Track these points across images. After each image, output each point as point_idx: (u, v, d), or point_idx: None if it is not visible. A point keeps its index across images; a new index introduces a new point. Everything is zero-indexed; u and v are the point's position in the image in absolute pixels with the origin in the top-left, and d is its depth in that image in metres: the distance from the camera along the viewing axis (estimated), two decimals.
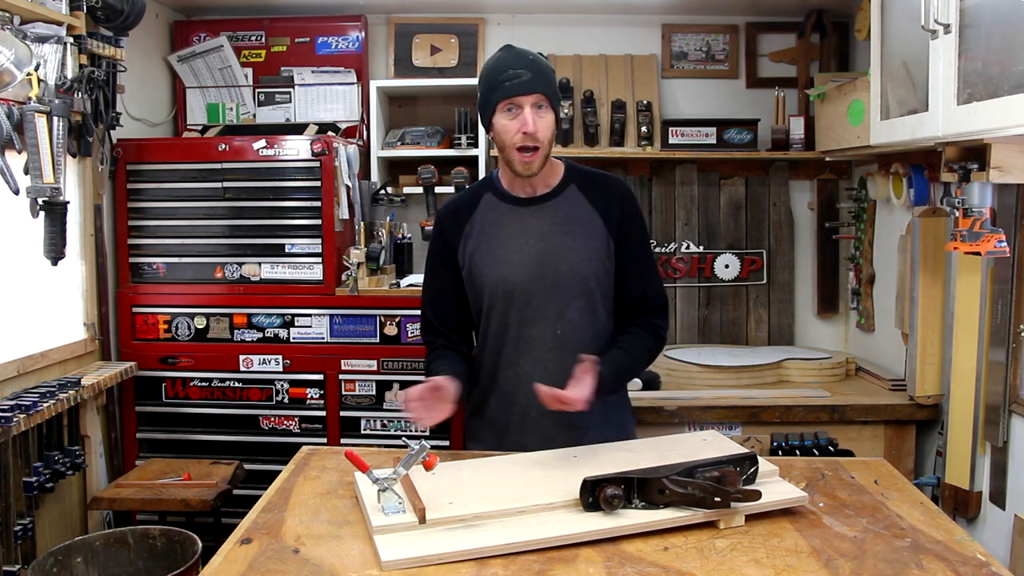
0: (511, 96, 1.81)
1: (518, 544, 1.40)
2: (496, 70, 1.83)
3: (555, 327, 1.92)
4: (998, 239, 2.10)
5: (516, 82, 1.80)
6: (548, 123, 1.85)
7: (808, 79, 3.54)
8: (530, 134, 1.81)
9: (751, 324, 3.66)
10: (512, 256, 1.93)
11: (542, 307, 1.92)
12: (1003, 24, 1.84)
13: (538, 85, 1.81)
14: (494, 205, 1.98)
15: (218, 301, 3.16)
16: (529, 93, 1.81)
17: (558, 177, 1.98)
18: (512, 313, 1.94)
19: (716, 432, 1.94)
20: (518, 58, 1.84)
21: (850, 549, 1.42)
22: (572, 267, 1.91)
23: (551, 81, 1.86)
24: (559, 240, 1.92)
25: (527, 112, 1.81)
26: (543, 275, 1.91)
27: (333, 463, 1.86)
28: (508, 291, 1.93)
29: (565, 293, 1.92)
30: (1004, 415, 2.36)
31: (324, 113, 3.59)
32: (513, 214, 1.96)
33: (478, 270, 1.96)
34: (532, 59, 1.84)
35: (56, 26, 2.56)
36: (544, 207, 1.95)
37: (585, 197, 1.96)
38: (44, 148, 2.43)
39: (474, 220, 1.98)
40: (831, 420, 2.86)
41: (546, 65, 1.87)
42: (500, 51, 1.89)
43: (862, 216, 3.39)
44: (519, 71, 1.80)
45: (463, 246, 1.99)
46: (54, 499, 2.73)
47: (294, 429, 3.17)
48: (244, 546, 1.44)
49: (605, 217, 1.95)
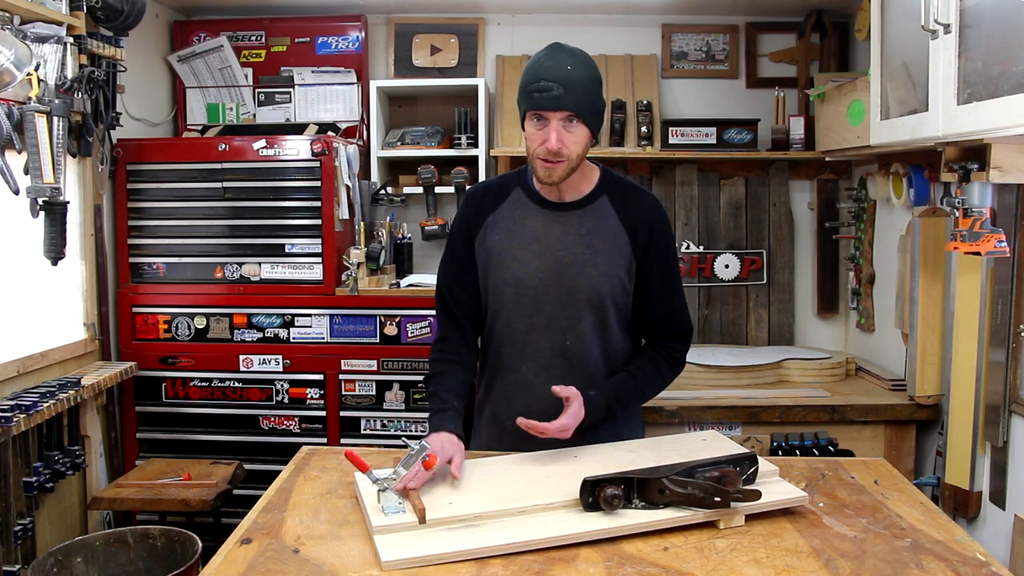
0: (538, 109, 1.73)
1: (518, 544, 1.40)
2: (530, 76, 1.74)
3: (565, 338, 1.88)
4: (998, 239, 2.10)
5: (545, 96, 1.71)
6: (578, 138, 1.76)
7: (808, 79, 3.54)
8: (552, 151, 1.73)
9: (751, 324, 3.66)
10: (530, 259, 1.88)
11: (553, 316, 1.87)
12: (1003, 24, 1.84)
13: (566, 102, 1.71)
14: (521, 202, 1.91)
15: (218, 301, 3.17)
16: (556, 110, 1.72)
17: (591, 185, 1.90)
18: (520, 318, 1.90)
19: (716, 432, 1.94)
20: (555, 67, 1.72)
21: (850, 549, 1.42)
22: (589, 281, 1.86)
23: (586, 95, 1.74)
24: (580, 252, 1.86)
25: (552, 128, 1.73)
26: (558, 284, 1.86)
27: (333, 463, 1.86)
28: (519, 294, 1.88)
29: (578, 306, 1.86)
30: (1004, 415, 2.36)
31: (324, 113, 3.59)
32: (539, 216, 1.89)
33: (493, 266, 1.91)
34: (569, 70, 1.72)
35: (56, 26, 2.57)
36: (571, 215, 1.88)
37: (615, 211, 1.88)
38: (44, 148, 2.43)
39: (499, 212, 1.92)
40: (831, 420, 2.86)
41: (585, 76, 1.75)
42: (544, 50, 1.78)
43: (862, 216, 3.39)
44: (550, 84, 1.70)
45: (482, 235, 1.93)
46: (54, 499, 2.73)
47: (294, 429, 3.17)
48: (244, 546, 1.44)
49: (632, 236, 1.87)
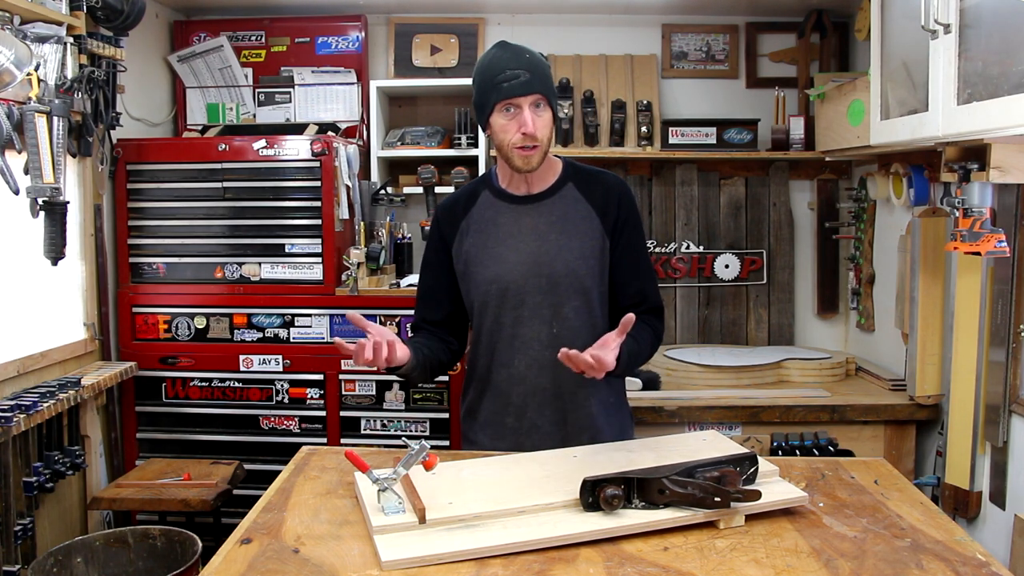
0: (510, 97, 1.80)
1: (518, 544, 1.40)
2: (493, 69, 1.81)
3: (551, 326, 1.91)
4: (998, 239, 2.10)
5: (515, 83, 1.78)
6: (546, 121, 1.84)
7: (808, 79, 3.54)
8: (529, 134, 1.81)
9: (751, 324, 3.66)
10: (507, 254, 1.92)
11: (537, 306, 1.91)
12: (1003, 24, 1.84)
13: (536, 85, 1.80)
14: (491, 203, 1.98)
15: (218, 301, 3.17)
16: (528, 94, 1.79)
17: (555, 175, 1.97)
18: (506, 312, 1.93)
19: (716, 432, 1.94)
20: (515, 57, 1.81)
21: (850, 549, 1.42)
22: (567, 266, 1.90)
23: (548, 79, 1.84)
24: (554, 239, 1.91)
25: (526, 113, 1.80)
26: (538, 274, 1.91)
27: (333, 463, 1.86)
28: (502, 289, 1.92)
29: (560, 292, 1.91)
30: (1004, 415, 2.36)
31: (324, 113, 3.59)
32: (509, 212, 1.95)
33: (473, 268, 1.95)
34: (529, 57, 1.82)
35: (56, 26, 2.57)
36: (540, 205, 1.94)
37: (582, 195, 1.95)
38: (44, 148, 2.43)
39: (471, 217, 1.98)
40: (831, 420, 2.86)
41: (542, 62, 1.85)
42: (495, 48, 1.86)
43: (862, 216, 3.39)
44: (517, 71, 1.78)
45: (458, 242, 1.98)
46: (54, 499, 2.73)
47: (294, 429, 3.17)
48: (244, 546, 1.44)
49: (602, 216, 1.93)
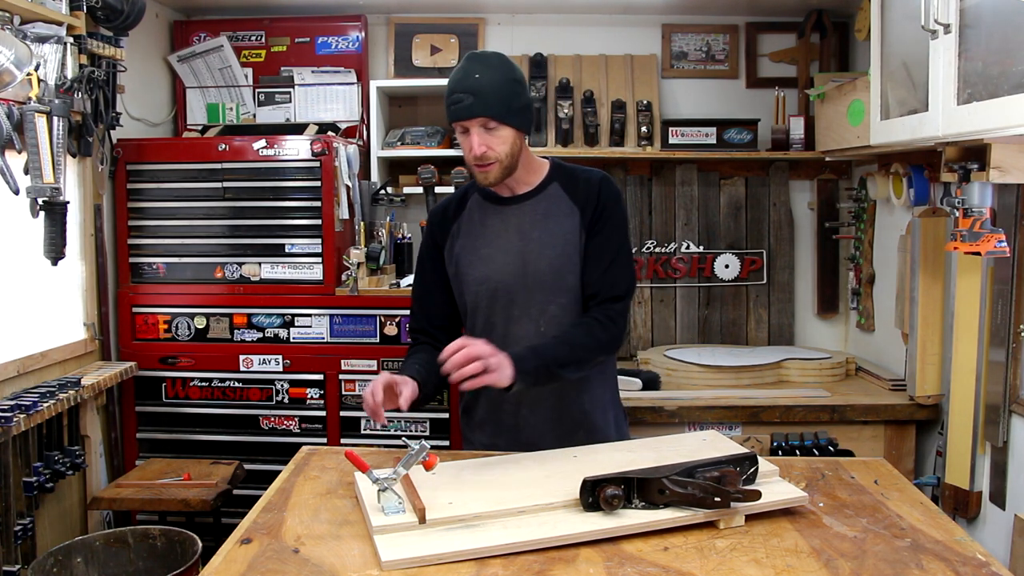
0: (456, 120, 1.84)
1: (518, 544, 1.40)
2: (448, 89, 1.84)
3: (538, 324, 1.93)
4: (998, 239, 2.10)
5: (459, 107, 1.81)
6: (504, 138, 1.84)
7: (808, 79, 3.54)
8: (477, 157, 1.82)
9: (751, 324, 3.66)
10: (495, 255, 1.95)
11: (525, 304, 1.93)
12: (1003, 24, 1.84)
13: (478, 109, 1.80)
14: (479, 205, 2.01)
15: (218, 301, 3.16)
16: (470, 118, 1.81)
17: (540, 176, 1.98)
18: (497, 311, 1.95)
19: (716, 432, 1.94)
20: (464, 78, 1.81)
21: (850, 549, 1.42)
22: (550, 263, 1.92)
23: (499, 98, 1.81)
24: (537, 236, 1.93)
25: (473, 135, 1.82)
26: (524, 272, 1.92)
27: (333, 463, 1.86)
28: (492, 289, 1.94)
29: (546, 289, 1.92)
30: (1004, 415, 2.36)
31: (324, 113, 3.59)
32: (496, 213, 1.98)
33: (464, 269, 1.98)
34: (477, 79, 1.80)
35: (56, 26, 2.56)
36: (524, 205, 1.97)
37: (566, 193, 1.96)
38: (44, 148, 2.43)
39: (461, 220, 2.01)
40: (831, 420, 2.86)
41: (497, 80, 1.81)
42: (460, 63, 1.87)
43: (862, 216, 3.39)
44: (460, 95, 1.80)
45: (450, 245, 2.01)
46: (54, 499, 2.73)
47: (294, 429, 3.17)
48: (244, 546, 1.44)
49: (581, 211, 1.94)
